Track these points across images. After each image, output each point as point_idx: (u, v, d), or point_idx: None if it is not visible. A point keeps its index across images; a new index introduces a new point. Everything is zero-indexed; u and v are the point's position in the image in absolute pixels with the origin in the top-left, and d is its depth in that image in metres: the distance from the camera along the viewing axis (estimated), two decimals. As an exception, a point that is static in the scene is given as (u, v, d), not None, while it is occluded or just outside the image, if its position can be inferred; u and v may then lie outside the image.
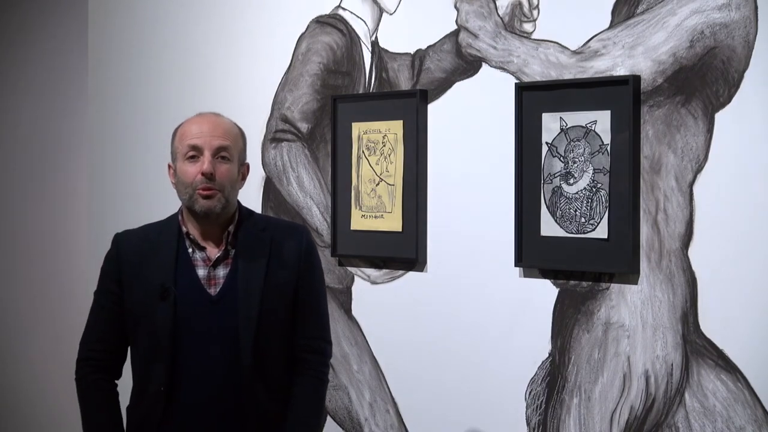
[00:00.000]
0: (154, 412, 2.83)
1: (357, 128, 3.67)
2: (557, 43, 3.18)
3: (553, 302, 3.19)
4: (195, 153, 2.83)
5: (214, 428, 2.84)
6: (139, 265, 2.88)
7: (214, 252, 2.88)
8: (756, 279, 2.80)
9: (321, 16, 3.83)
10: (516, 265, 3.25)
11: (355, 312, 3.73)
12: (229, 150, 2.85)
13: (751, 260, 2.80)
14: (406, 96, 3.54)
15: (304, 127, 3.87)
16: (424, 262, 3.51)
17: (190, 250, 2.88)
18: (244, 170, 2.92)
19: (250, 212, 2.99)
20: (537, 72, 3.22)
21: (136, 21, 4.51)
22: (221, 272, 2.87)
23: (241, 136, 2.92)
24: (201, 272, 2.87)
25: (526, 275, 3.26)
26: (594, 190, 3.08)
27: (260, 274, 2.86)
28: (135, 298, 2.86)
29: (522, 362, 3.25)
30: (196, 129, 2.86)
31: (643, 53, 2.99)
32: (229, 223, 2.89)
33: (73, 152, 5.30)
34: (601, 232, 3.06)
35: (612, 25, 3.06)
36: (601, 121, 3.06)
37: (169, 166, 2.91)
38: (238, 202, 2.94)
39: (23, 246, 5.62)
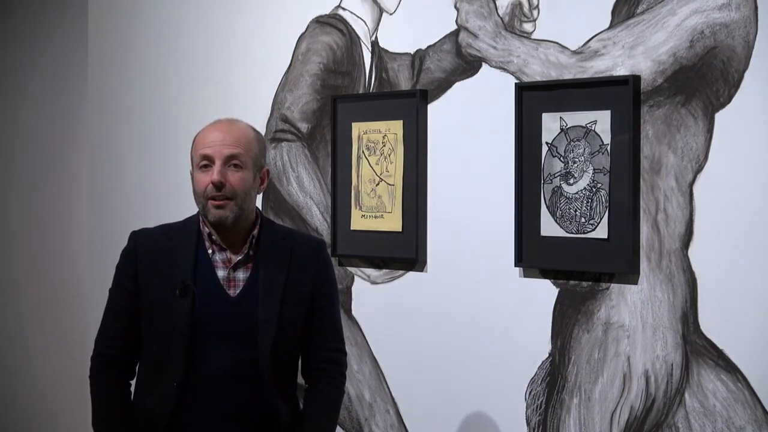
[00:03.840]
0: (165, 408, 2.84)
1: (357, 128, 3.67)
2: (557, 43, 3.18)
3: (553, 302, 3.19)
4: (207, 162, 2.85)
5: (225, 426, 2.85)
6: (159, 262, 2.89)
7: (235, 255, 2.89)
8: (756, 279, 2.80)
9: (321, 16, 3.83)
10: (516, 265, 3.25)
11: (355, 312, 3.74)
12: (241, 157, 2.85)
13: (751, 260, 2.80)
14: (406, 96, 3.54)
15: (304, 127, 3.87)
16: (424, 262, 3.51)
17: (210, 251, 2.89)
18: (262, 175, 2.93)
19: (269, 220, 3.03)
20: (537, 72, 3.22)
21: (136, 21, 4.51)
22: (241, 275, 2.89)
23: (258, 140, 2.92)
24: (221, 273, 2.88)
25: (526, 275, 3.26)
26: (594, 190, 3.08)
27: (281, 279, 2.89)
28: (153, 294, 2.87)
29: (522, 362, 3.25)
30: (208, 138, 2.87)
31: (643, 53, 2.99)
32: (249, 228, 2.91)
33: (73, 153, 5.30)
34: (601, 232, 3.06)
35: (612, 25, 3.06)
36: (601, 121, 3.06)
37: (191, 173, 2.92)
38: (258, 208, 2.95)
39: (23, 246, 5.62)
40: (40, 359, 5.51)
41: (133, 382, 2.97)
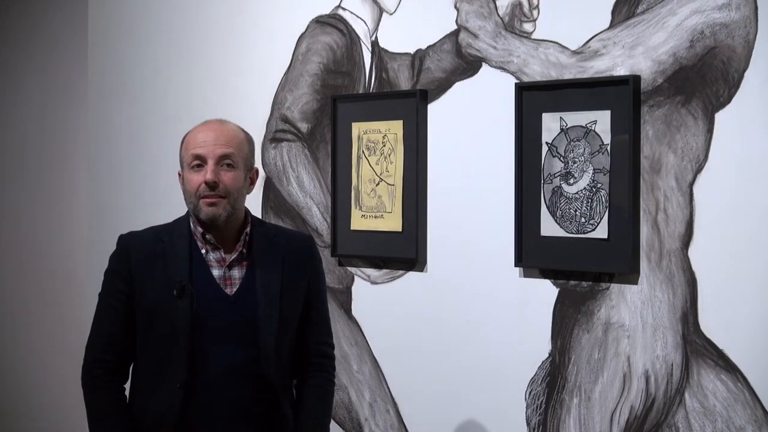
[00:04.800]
0: (171, 410, 2.83)
1: (357, 128, 3.67)
2: (557, 43, 3.18)
3: (553, 302, 3.19)
4: (199, 162, 2.86)
5: (231, 426, 2.85)
6: (153, 264, 2.88)
7: (230, 253, 2.90)
8: (756, 279, 2.80)
9: (321, 16, 3.83)
10: (516, 265, 3.25)
11: (355, 312, 3.73)
12: (233, 157, 2.86)
13: (751, 260, 2.80)
14: (406, 96, 3.54)
15: (304, 127, 3.87)
16: (424, 262, 3.51)
17: (204, 251, 2.90)
18: (252, 175, 2.94)
19: (258, 218, 3.05)
20: (537, 72, 3.22)
21: (136, 21, 4.51)
22: (237, 273, 2.90)
23: (248, 141, 2.93)
24: (216, 272, 2.89)
25: (526, 275, 3.26)
26: (594, 190, 3.08)
27: (277, 276, 2.91)
28: (150, 297, 2.87)
29: (522, 362, 3.25)
30: (200, 138, 2.88)
31: (643, 53, 2.99)
32: (240, 227, 2.92)
33: (73, 152, 5.30)
34: (601, 232, 3.06)
35: (612, 25, 3.06)
36: (601, 121, 3.06)
37: (179, 174, 2.92)
38: (246, 207, 2.96)
39: (22, 247, 5.62)
40: (39, 360, 5.51)
41: (126, 386, 2.96)
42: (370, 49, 3.68)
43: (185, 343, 2.83)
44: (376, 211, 3.62)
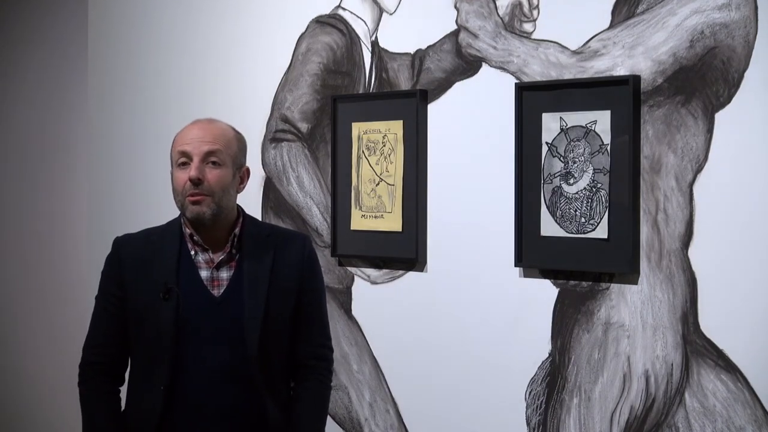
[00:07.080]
0: (154, 411, 2.83)
1: (357, 128, 3.67)
2: (557, 43, 3.18)
3: (553, 302, 3.19)
4: (185, 159, 2.84)
5: (215, 427, 2.84)
6: (142, 267, 2.88)
7: (217, 254, 2.89)
8: (756, 279, 2.80)
9: (321, 16, 3.83)
10: (516, 265, 3.25)
11: (355, 312, 3.73)
12: (220, 155, 2.84)
13: (751, 260, 2.80)
14: (406, 96, 3.54)
15: (304, 127, 3.87)
16: (424, 262, 3.51)
17: (193, 252, 2.89)
18: (242, 174, 2.92)
19: (253, 218, 3.01)
20: (537, 72, 3.22)
21: (136, 21, 4.51)
22: (224, 274, 2.88)
23: (237, 140, 2.91)
24: (204, 273, 2.88)
25: (526, 275, 3.26)
26: (594, 190, 3.08)
27: (265, 277, 2.88)
28: (138, 299, 2.87)
29: (522, 362, 3.25)
30: (187, 136, 2.87)
31: (643, 53, 2.99)
32: (231, 227, 2.90)
33: (73, 154, 5.30)
34: (601, 232, 3.06)
35: (612, 25, 3.06)
36: (601, 121, 3.06)
37: (171, 173, 2.92)
38: (240, 207, 2.95)
39: (22, 248, 5.62)
40: (38, 360, 5.51)
41: (123, 389, 2.96)
42: (370, 49, 3.68)
43: (170, 346, 2.82)
44: (376, 211, 3.62)
